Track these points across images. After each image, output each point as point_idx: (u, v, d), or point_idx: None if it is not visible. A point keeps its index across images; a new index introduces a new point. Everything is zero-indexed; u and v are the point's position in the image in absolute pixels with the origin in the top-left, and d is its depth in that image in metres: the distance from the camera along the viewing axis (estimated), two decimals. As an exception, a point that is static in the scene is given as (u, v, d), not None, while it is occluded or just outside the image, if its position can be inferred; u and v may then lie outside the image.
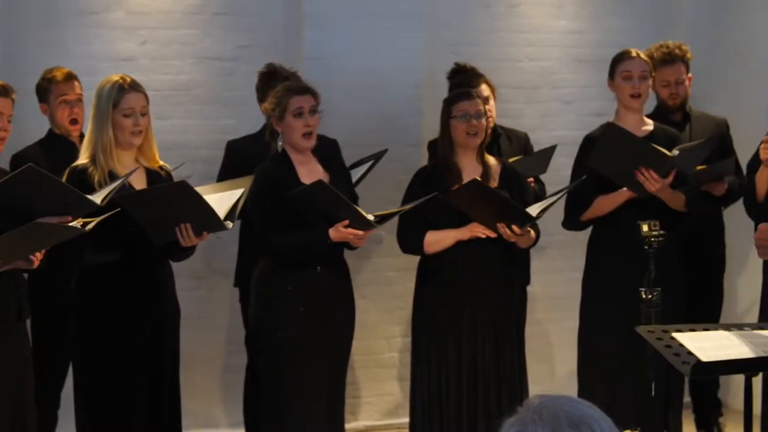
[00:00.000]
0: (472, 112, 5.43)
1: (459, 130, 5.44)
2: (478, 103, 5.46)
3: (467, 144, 5.45)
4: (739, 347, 4.18)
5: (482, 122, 5.45)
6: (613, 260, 5.65)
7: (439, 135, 5.55)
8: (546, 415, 2.06)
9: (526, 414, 2.09)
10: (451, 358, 5.42)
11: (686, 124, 6.23)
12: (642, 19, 7.22)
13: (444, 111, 5.49)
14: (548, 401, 2.10)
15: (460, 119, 5.43)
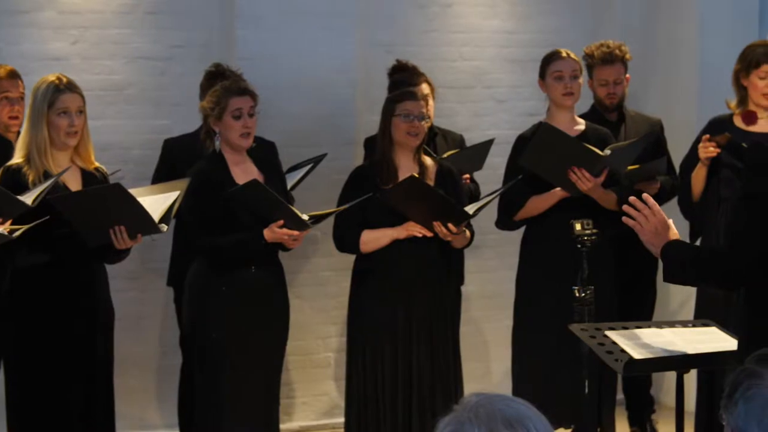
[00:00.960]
0: (415, 113, 5.44)
1: (400, 129, 5.45)
2: (421, 105, 5.48)
3: (407, 143, 5.46)
4: (670, 344, 4.22)
5: (423, 124, 5.47)
6: (546, 259, 5.69)
7: (379, 132, 5.55)
8: (482, 414, 2.07)
9: (462, 413, 2.09)
10: (386, 357, 5.42)
11: (621, 124, 6.28)
12: (574, 20, 7.27)
13: (386, 109, 5.50)
14: (484, 400, 2.10)
15: (402, 118, 5.44)
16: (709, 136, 5.42)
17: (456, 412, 2.11)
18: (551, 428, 2.12)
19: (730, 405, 2.39)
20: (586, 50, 6.22)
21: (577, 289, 4.92)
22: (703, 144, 5.40)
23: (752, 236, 3.43)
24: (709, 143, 5.36)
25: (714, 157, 5.40)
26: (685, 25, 7.19)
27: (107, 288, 5.16)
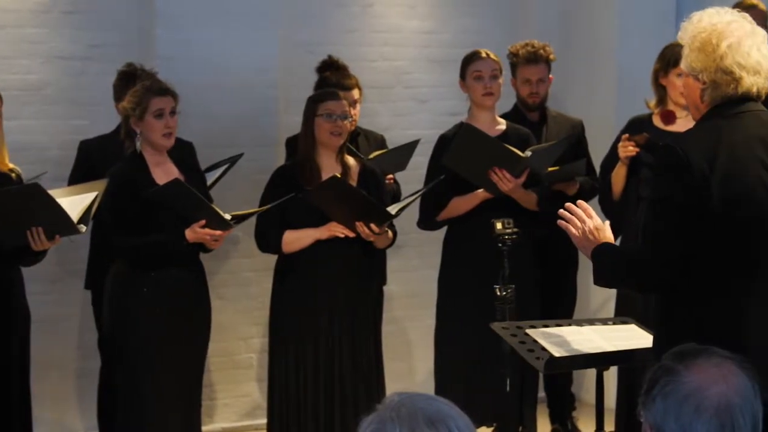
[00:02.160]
0: (338, 113, 5.43)
1: (323, 129, 5.44)
2: (344, 104, 5.47)
3: (330, 143, 5.45)
4: (590, 342, 4.26)
5: (346, 123, 5.46)
6: (468, 258, 5.71)
7: (301, 132, 5.54)
8: (404, 414, 2.07)
9: (384, 412, 2.09)
10: (308, 358, 5.41)
11: (543, 124, 6.32)
12: (493, 20, 7.31)
13: (309, 108, 5.48)
14: (406, 399, 2.10)
15: (325, 118, 5.43)
16: (628, 136, 5.47)
17: (378, 411, 2.11)
18: (473, 427, 2.13)
19: (648, 401, 2.41)
20: (510, 49, 6.26)
21: (498, 288, 4.94)
22: (623, 144, 5.45)
23: (670, 241, 3.46)
24: (628, 143, 5.42)
25: (633, 157, 5.45)
26: (603, 26, 7.26)
27: (23, 291, 5.08)
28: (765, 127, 3.50)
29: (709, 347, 2.46)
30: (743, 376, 2.40)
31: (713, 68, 3.49)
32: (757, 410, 2.39)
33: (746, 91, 3.49)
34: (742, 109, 3.50)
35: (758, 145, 3.47)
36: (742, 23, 3.54)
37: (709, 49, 3.48)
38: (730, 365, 2.41)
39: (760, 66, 3.49)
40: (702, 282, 3.47)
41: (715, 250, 3.44)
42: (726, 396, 2.36)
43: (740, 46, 3.47)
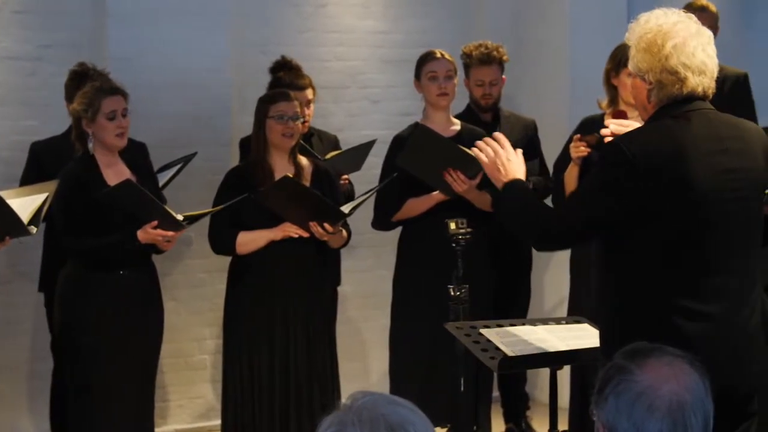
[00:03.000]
0: (289, 113, 5.42)
1: (275, 130, 5.43)
2: (295, 105, 5.46)
3: (282, 145, 5.44)
4: (544, 342, 4.27)
5: (298, 124, 5.45)
6: (422, 258, 5.71)
7: (253, 133, 5.52)
8: (365, 418, 2.06)
9: (346, 415, 2.07)
10: (263, 359, 5.40)
11: (496, 125, 6.33)
12: (446, 21, 7.32)
13: (260, 110, 5.47)
14: (369, 403, 2.08)
15: (276, 120, 5.42)
16: (579, 136, 5.50)
17: (340, 412, 2.09)
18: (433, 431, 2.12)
19: (601, 400, 2.42)
20: (464, 50, 6.27)
21: (452, 288, 4.94)
22: (574, 144, 5.47)
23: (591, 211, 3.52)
24: (580, 143, 5.44)
25: (585, 157, 5.48)
26: (555, 26, 7.29)
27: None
28: (712, 126, 3.54)
29: (661, 346, 2.48)
30: (695, 375, 2.41)
31: (659, 68, 3.52)
32: (708, 408, 2.41)
33: (691, 90, 3.52)
34: (690, 108, 3.54)
35: (705, 145, 3.50)
36: (688, 24, 3.58)
37: (654, 49, 3.52)
38: (681, 364, 2.42)
39: (705, 66, 3.53)
40: (649, 281, 3.50)
41: (661, 250, 3.48)
42: (678, 394, 2.38)
43: (685, 47, 3.50)
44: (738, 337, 3.53)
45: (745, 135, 3.60)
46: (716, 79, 6.03)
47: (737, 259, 3.55)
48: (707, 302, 3.49)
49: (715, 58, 3.58)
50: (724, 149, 3.51)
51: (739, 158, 3.53)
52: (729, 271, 3.52)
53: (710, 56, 3.56)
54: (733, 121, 3.63)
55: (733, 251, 3.54)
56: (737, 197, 3.51)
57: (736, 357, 3.53)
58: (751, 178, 3.55)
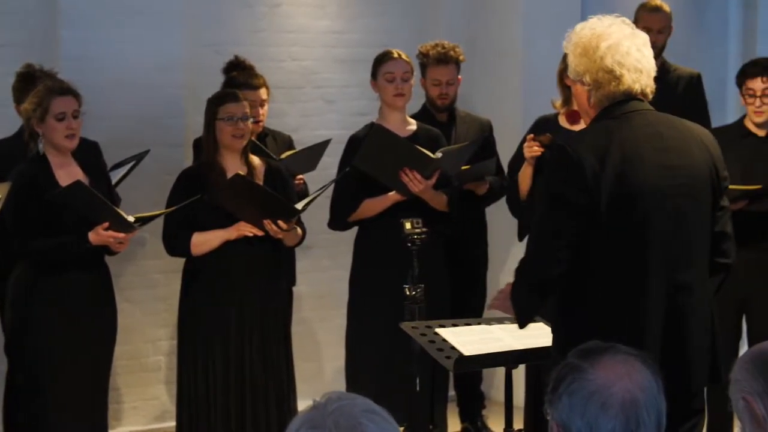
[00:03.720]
0: (238, 114, 5.40)
1: (225, 132, 5.41)
2: (244, 105, 5.44)
3: (232, 146, 5.42)
4: (499, 341, 4.28)
5: (248, 124, 5.44)
6: (378, 258, 5.72)
7: (203, 135, 5.51)
8: (343, 426, 2.03)
9: (321, 417, 2.05)
10: (218, 360, 5.38)
11: (452, 125, 6.35)
12: (401, 20, 7.32)
13: (209, 111, 5.45)
14: (347, 408, 2.06)
15: (226, 121, 5.40)
16: (533, 136, 5.52)
17: (313, 410, 2.07)
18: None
19: (555, 399, 2.43)
20: (420, 49, 6.27)
21: (408, 288, 4.95)
22: (528, 144, 5.49)
23: (555, 241, 3.52)
24: (533, 143, 5.46)
25: (539, 156, 5.50)
26: (509, 26, 7.31)
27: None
28: (652, 126, 3.61)
29: (614, 344, 2.49)
30: (647, 373, 2.43)
31: (595, 69, 3.60)
32: (661, 406, 2.43)
33: (628, 88, 3.59)
34: (630, 109, 3.60)
35: (646, 145, 3.55)
36: (622, 27, 3.66)
37: (590, 52, 3.60)
38: (634, 362, 2.44)
39: (640, 64, 3.60)
40: (598, 280, 3.53)
41: (607, 248, 3.52)
42: (631, 392, 2.39)
43: (619, 46, 3.58)
44: (684, 335, 3.57)
45: (685, 133, 3.66)
46: (670, 79, 6.09)
47: (684, 257, 3.59)
48: (654, 299, 3.53)
49: (652, 60, 3.67)
50: (665, 147, 3.57)
51: (681, 155, 3.59)
52: (675, 268, 3.57)
53: (646, 56, 3.63)
54: (672, 120, 3.70)
55: (679, 249, 3.58)
56: (682, 193, 3.57)
57: (683, 354, 3.56)
58: (693, 175, 3.61)
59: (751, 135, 5.88)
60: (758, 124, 5.86)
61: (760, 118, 5.83)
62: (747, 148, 5.81)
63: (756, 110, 5.83)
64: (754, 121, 5.87)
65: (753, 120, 5.87)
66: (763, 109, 5.81)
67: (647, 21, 6.57)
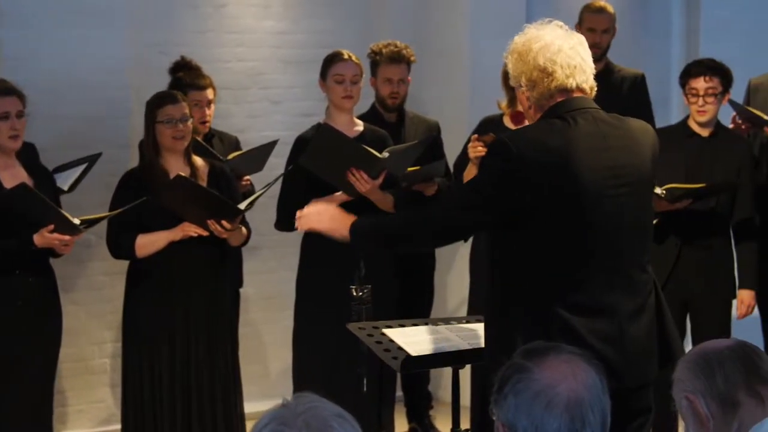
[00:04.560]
0: (178, 116, 5.38)
1: (165, 134, 5.38)
2: (183, 107, 5.41)
3: (174, 147, 5.40)
4: (446, 341, 4.29)
5: (188, 125, 5.41)
6: (325, 259, 5.71)
7: (144, 137, 5.48)
8: (314, 427, 2.03)
9: (290, 416, 2.05)
10: (163, 362, 5.35)
11: (401, 126, 6.36)
12: (347, 21, 7.32)
13: (148, 114, 5.42)
14: (318, 410, 2.06)
15: (165, 124, 5.37)
16: (477, 136, 5.54)
17: (281, 409, 2.06)
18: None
19: (500, 400, 2.44)
20: (373, 48, 6.29)
21: (355, 289, 4.94)
22: (472, 144, 5.52)
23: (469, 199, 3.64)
24: (477, 143, 5.48)
25: (483, 156, 5.51)
26: (455, 27, 7.33)
27: None
28: (596, 125, 3.63)
29: (559, 344, 2.51)
30: (592, 372, 2.44)
31: (529, 70, 3.66)
32: (606, 405, 2.45)
33: (561, 84, 3.63)
34: (575, 107, 3.63)
35: (588, 143, 3.58)
36: (555, 29, 3.72)
37: (524, 55, 3.67)
38: (578, 361, 2.45)
39: (574, 61, 3.65)
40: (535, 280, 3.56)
41: (546, 248, 3.55)
42: (576, 392, 2.40)
43: (551, 45, 3.64)
44: (627, 334, 3.58)
45: (629, 132, 3.70)
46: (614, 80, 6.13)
47: (626, 255, 3.62)
48: (595, 298, 3.55)
49: (588, 58, 3.72)
50: (607, 147, 3.60)
51: (624, 155, 3.63)
52: (617, 267, 3.60)
53: (580, 54, 3.67)
54: (618, 120, 3.73)
55: (620, 247, 3.61)
56: (623, 193, 3.60)
57: (626, 353, 3.58)
58: (638, 173, 3.64)
59: (695, 135, 5.94)
60: (701, 123, 5.91)
61: (703, 118, 5.89)
62: (691, 148, 5.86)
63: (699, 110, 5.88)
64: (697, 120, 5.92)
65: (696, 120, 5.93)
66: (706, 108, 5.86)
67: (591, 22, 6.61)
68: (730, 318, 5.92)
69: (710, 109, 5.86)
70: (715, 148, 5.89)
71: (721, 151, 5.90)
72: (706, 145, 5.90)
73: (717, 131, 5.95)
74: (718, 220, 5.87)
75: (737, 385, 2.61)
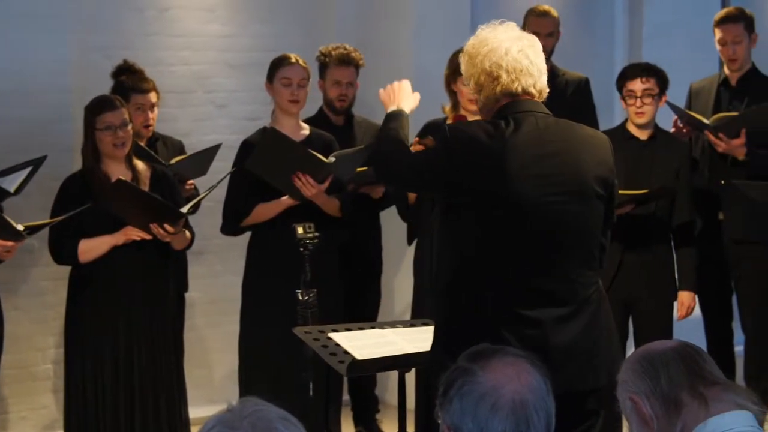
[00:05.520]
0: (117, 123, 5.33)
1: (105, 142, 5.34)
2: (122, 113, 5.36)
3: (114, 154, 5.36)
4: (392, 344, 4.29)
5: (128, 131, 5.37)
6: (271, 262, 5.70)
7: (83, 144, 5.43)
8: (259, 428, 2.02)
9: (235, 419, 2.04)
10: (106, 367, 5.31)
11: (349, 129, 6.36)
12: (292, 25, 7.31)
13: (87, 121, 5.37)
14: (264, 414, 2.06)
15: (104, 131, 5.33)
16: (418, 139, 5.56)
17: (227, 412, 2.05)
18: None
19: (446, 403, 2.44)
20: (322, 50, 6.30)
21: (301, 293, 4.94)
22: (413, 147, 5.53)
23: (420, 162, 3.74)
24: (418, 147, 5.50)
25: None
26: (400, 32, 7.33)
27: None
28: (538, 132, 3.63)
29: (503, 347, 2.52)
30: (536, 374, 2.46)
31: (477, 72, 3.70)
32: (550, 406, 2.46)
33: (505, 89, 3.66)
34: (521, 109, 3.66)
35: (524, 148, 3.59)
36: (507, 31, 3.75)
37: (473, 57, 3.71)
38: (523, 363, 2.46)
39: (520, 65, 3.67)
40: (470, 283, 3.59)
41: (486, 255, 3.59)
42: (520, 394, 2.41)
43: (498, 49, 3.67)
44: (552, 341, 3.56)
45: (575, 140, 3.69)
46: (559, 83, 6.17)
47: (557, 263, 3.61)
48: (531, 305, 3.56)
49: (539, 60, 3.73)
50: (545, 154, 3.61)
51: (564, 163, 3.62)
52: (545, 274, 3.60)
53: (528, 57, 3.69)
54: (566, 126, 3.72)
55: (550, 255, 3.61)
56: (559, 201, 3.59)
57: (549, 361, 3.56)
58: (578, 182, 3.62)
59: (634, 138, 5.98)
60: (640, 125, 5.95)
61: (641, 119, 5.92)
62: (630, 152, 5.90)
63: (637, 111, 5.91)
64: (635, 122, 5.96)
65: (634, 121, 5.96)
66: (644, 109, 5.90)
67: (535, 25, 6.65)
68: (671, 320, 5.98)
69: (648, 110, 5.90)
70: (654, 151, 5.93)
71: (659, 154, 5.94)
72: (644, 148, 5.94)
73: (655, 134, 5.99)
74: (658, 224, 5.93)
75: (681, 385, 2.63)
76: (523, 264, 3.57)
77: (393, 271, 7.15)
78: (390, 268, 6.94)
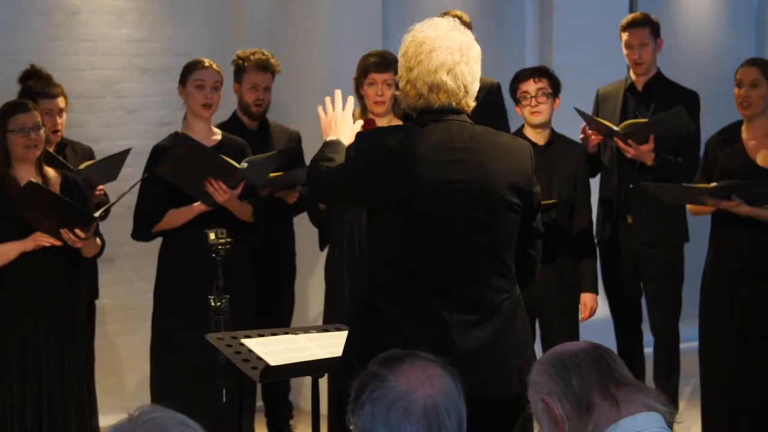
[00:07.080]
0: (29, 125, 5.27)
1: (17, 143, 5.28)
2: (35, 115, 5.31)
3: (26, 157, 5.30)
4: (305, 350, 4.29)
5: (41, 134, 5.31)
6: (183, 269, 5.66)
7: (-6, 147, 5.36)
8: None
9: (132, 429, 2.02)
10: (14, 377, 5.23)
11: (263, 134, 6.34)
12: (203, 29, 7.27)
13: None
14: (158, 419, 2.04)
15: (17, 133, 5.27)
16: None
17: (125, 422, 2.04)
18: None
19: (357, 408, 2.44)
20: (239, 54, 6.29)
21: (213, 299, 4.91)
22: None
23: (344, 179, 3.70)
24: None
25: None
26: (312, 36, 7.33)
27: None
28: (448, 137, 3.63)
29: (414, 351, 2.53)
30: (447, 378, 2.46)
31: (405, 79, 3.68)
32: (462, 409, 2.47)
33: (429, 104, 3.65)
34: (435, 118, 3.66)
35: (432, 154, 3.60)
36: (436, 28, 3.70)
37: (401, 58, 3.70)
38: (434, 368, 2.47)
39: (446, 86, 3.65)
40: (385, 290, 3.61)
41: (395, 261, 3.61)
42: (432, 397, 2.42)
43: (429, 64, 3.64)
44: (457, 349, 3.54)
45: (487, 148, 3.67)
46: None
47: (461, 270, 3.61)
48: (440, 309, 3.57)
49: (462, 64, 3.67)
50: (451, 160, 3.60)
51: (470, 170, 3.61)
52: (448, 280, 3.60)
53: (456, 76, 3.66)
54: (483, 133, 3.72)
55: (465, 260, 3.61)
56: (463, 209, 3.59)
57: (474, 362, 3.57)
58: (484, 190, 3.61)
59: (532, 144, 6.01)
60: (536, 124, 5.94)
61: (538, 118, 5.93)
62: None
63: (533, 110, 5.93)
64: (532, 122, 5.96)
65: (531, 122, 5.96)
66: (539, 108, 5.92)
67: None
68: (577, 322, 6.05)
69: (544, 109, 5.93)
70: (552, 157, 5.96)
71: (557, 160, 5.98)
72: (542, 154, 5.95)
73: (552, 140, 6.02)
74: (560, 231, 5.97)
75: (592, 386, 2.65)
76: (433, 269, 3.58)
77: (307, 276, 7.14)
78: (304, 273, 6.93)
